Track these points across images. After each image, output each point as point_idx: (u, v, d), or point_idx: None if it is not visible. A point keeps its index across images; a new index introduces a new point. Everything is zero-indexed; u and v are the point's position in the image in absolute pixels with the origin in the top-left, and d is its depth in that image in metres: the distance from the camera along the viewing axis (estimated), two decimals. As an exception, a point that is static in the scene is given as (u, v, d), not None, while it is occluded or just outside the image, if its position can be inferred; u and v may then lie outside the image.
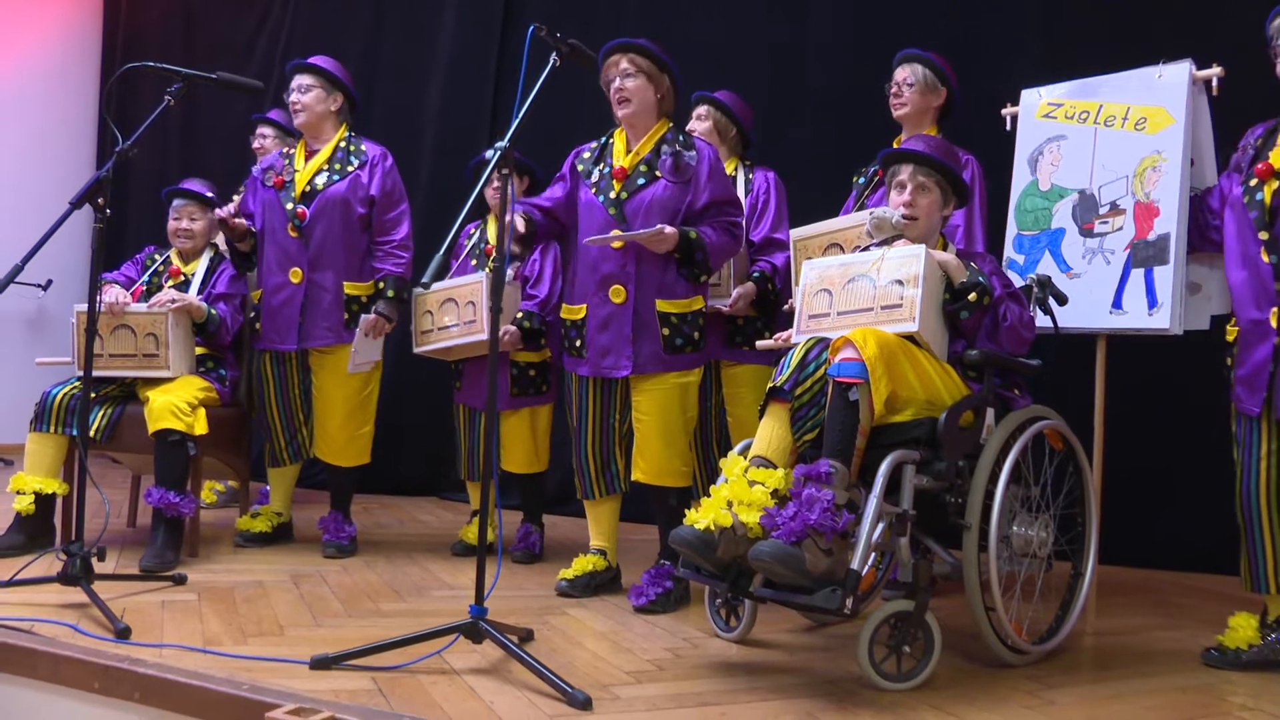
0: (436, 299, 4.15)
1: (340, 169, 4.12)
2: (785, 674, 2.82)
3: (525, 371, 4.21)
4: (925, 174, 3.13)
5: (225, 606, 3.22)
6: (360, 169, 4.14)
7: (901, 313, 2.88)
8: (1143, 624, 3.59)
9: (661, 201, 3.45)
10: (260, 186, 4.18)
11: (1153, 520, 4.53)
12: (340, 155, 4.15)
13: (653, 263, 3.47)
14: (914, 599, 2.72)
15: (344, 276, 4.11)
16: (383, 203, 4.17)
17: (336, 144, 4.17)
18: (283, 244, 4.08)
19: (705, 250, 3.45)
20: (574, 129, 4.41)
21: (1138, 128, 3.52)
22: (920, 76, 3.84)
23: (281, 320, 4.09)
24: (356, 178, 4.13)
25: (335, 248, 4.10)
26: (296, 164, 4.15)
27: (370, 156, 4.17)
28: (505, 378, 4.20)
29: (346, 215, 4.11)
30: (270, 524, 4.22)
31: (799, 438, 2.85)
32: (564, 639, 3.05)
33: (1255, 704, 2.73)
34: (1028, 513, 3.03)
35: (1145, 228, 3.44)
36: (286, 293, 4.08)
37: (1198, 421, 4.16)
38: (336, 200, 4.09)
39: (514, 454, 4.30)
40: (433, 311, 4.16)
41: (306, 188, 4.08)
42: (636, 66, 3.50)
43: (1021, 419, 3.01)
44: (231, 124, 6.30)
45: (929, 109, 3.88)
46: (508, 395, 4.20)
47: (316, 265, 4.08)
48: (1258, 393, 3.01)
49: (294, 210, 4.05)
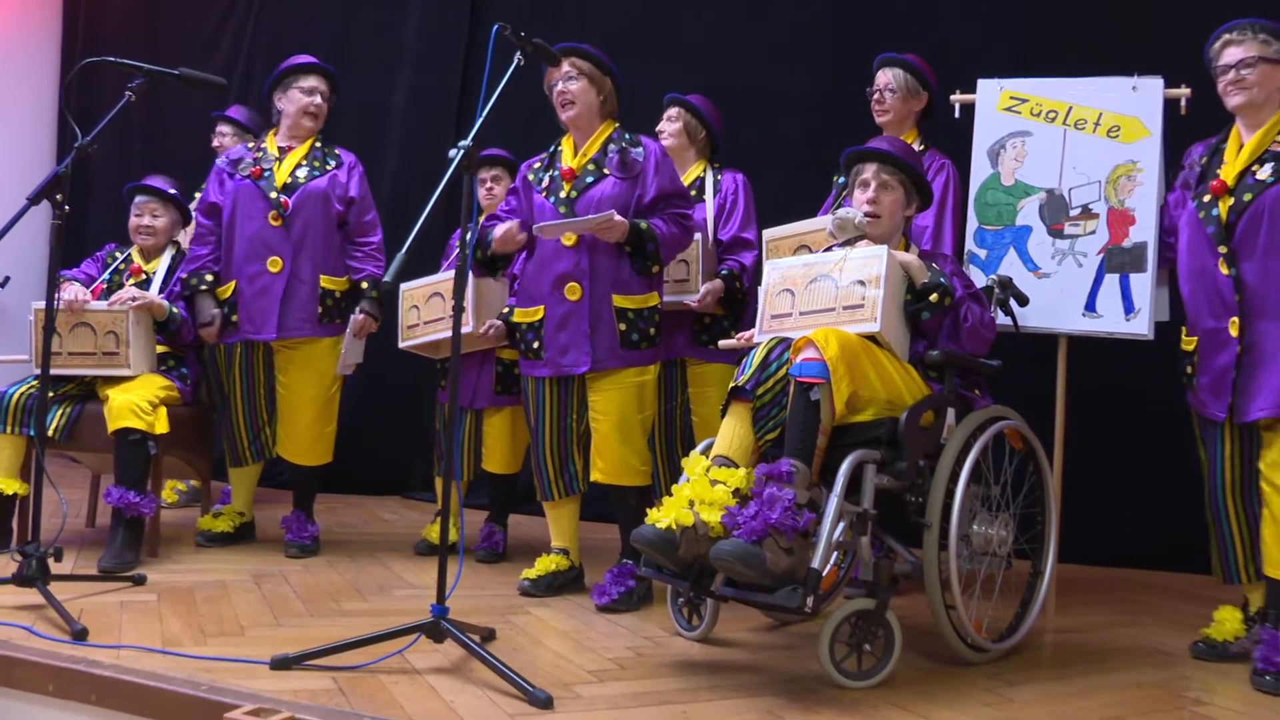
0: (423, 293, 4.15)
1: (319, 166, 4.15)
2: (747, 672, 2.83)
3: (510, 369, 4.17)
4: (889, 172, 3.16)
5: (185, 607, 3.19)
6: (338, 169, 4.18)
7: (863, 313, 2.90)
8: (1102, 621, 3.64)
9: (611, 198, 3.46)
10: (228, 177, 4.13)
11: (1112, 519, 4.58)
12: (317, 154, 4.18)
13: (607, 259, 3.48)
14: (875, 597, 2.74)
15: (321, 269, 4.11)
16: (361, 205, 4.22)
17: (311, 144, 4.19)
18: (262, 233, 4.05)
19: (656, 241, 3.46)
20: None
21: (1111, 135, 3.56)
22: (902, 82, 3.86)
23: (257, 309, 4.05)
24: (335, 176, 4.16)
25: (315, 240, 4.11)
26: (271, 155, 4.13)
27: (346, 160, 4.24)
28: (490, 374, 4.19)
29: (326, 210, 4.13)
30: (232, 524, 4.19)
31: (761, 437, 2.86)
32: (526, 638, 3.05)
33: (1209, 698, 2.79)
34: (988, 512, 3.06)
35: (1120, 234, 3.49)
36: (264, 281, 4.05)
37: (1156, 422, 4.22)
38: (318, 194, 4.10)
39: (493, 453, 4.28)
40: (419, 306, 4.15)
41: (288, 179, 4.08)
42: (578, 70, 3.53)
43: (982, 419, 3.04)
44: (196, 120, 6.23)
45: (910, 114, 3.91)
46: (491, 392, 4.19)
47: (297, 256, 4.07)
48: (1222, 398, 3.10)
49: (278, 199, 4.04)
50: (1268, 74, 3.05)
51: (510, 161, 4.34)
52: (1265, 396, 3.00)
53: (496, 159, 4.36)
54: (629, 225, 3.42)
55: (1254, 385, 3.03)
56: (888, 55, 3.93)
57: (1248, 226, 3.04)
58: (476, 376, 4.17)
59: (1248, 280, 3.04)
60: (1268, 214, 3.01)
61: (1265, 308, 3.03)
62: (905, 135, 3.85)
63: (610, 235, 3.42)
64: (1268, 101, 3.08)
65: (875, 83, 3.91)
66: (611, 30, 3.81)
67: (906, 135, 3.86)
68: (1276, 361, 3.00)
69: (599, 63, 3.56)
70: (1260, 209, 3.01)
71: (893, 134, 3.82)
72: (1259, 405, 3.01)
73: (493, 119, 2.87)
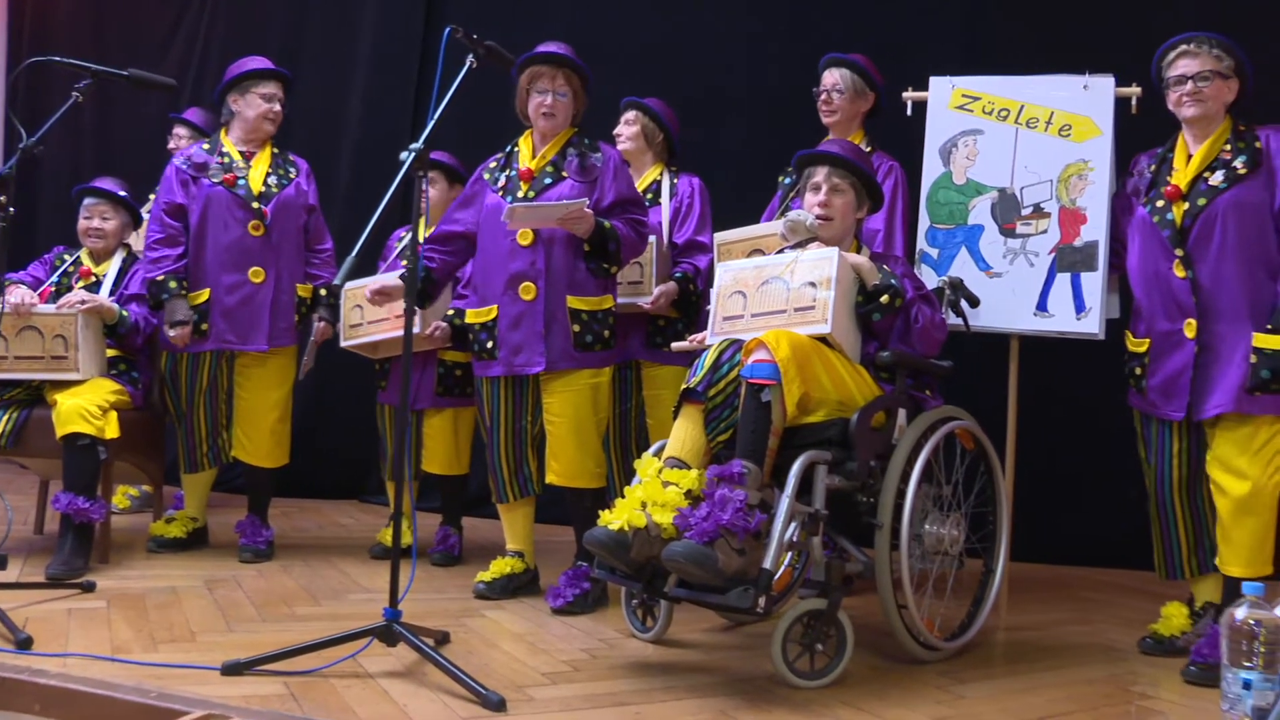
0: (365, 293, 4.13)
1: (284, 174, 4.15)
2: (701, 673, 2.84)
3: (452, 371, 4.18)
4: (840, 175, 3.18)
5: (135, 613, 3.16)
6: (299, 177, 4.20)
7: (814, 314, 2.92)
8: (1054, 619, 3.68)
9: (569, 200, 3.46)
10: (192, 181, 4.07)
11: (1064, 517, 4.63)
12: (279, 161, 4.18)
13: (562, 259, 3.48)
14: (827, 597, 2.76)
15: (295, 278, 4.15)
16: (318, 212, 4.28)
17: (271, 151, 4.18)
18: (240, 242, 4.01)
19: (618, 241, 3.47)
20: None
21: (1062, 134, 3.59)
22: (849, 82, 3.88)
23: (243, 320, 4.01)
24: (298, 184, 4.18)
25: (290, 249, 4.13)
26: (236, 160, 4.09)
27: (302, 167, 4.25)
28: (431, 376, 4.17)
29: (296, 218, 4.17)
30: (185, 529, 4.14)
31: (713, 439, 2.88)
32: (481, 641, 3.04)
33: (1155, 692, 2.85)
34: (939, 511, 3.09)
35: (1071, 233, 3.52)
36: (246, 291, 4.02)
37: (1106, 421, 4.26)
38: (290, 202, 4.13)
39: (435, 455, 4.27)
40: (362, 305, 4.13)
41: (261, 188, 4.06)
42: (570, 87, 3.56)
43: (933, 419, 3.07)
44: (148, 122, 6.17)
45: (858, 114, 3.94)
46: (432, 394, 4.18)
47: (277, 265, 4.07)
48: (1176, 398, 3.16)
49: (259, 209, 4.01)
50: (1220, 88, 3.13)
51: (447, 165, 4.32)
52: (1219, 394, 3.07)
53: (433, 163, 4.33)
54: (595, 221, 3.43)
55: (1208, 384, 3.10)
56: (834, 55, 3.95)
57: (1201, 231, 3.11)
58: (418, 378, 4.15)
59: (1202, 283, 3.11)
60: (1220, 219, 3.08)
61: (1218, 309, 3.10)
62: (852, 135, 3.88)
63: (580, 227, 3.41)
64: (1218, 112, 3.16)
65: (822, 83, 3.93)
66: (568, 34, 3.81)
67: (854, 135, 3.89)
68: (1229, 361, 3.07)
69: (585, 79, 3.60)
70: (1214, 214, 3.09)
71: (840, 134, 3.86)
72: (1214, 403, 3.08)
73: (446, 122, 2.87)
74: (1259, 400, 3.02)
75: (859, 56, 3.93)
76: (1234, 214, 3.08)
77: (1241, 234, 3.07)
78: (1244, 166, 3.09)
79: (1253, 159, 3.08)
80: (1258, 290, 3.07)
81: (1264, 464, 3.03)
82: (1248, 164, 3.08)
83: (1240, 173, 3.09)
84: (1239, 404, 3.05)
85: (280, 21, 6.14)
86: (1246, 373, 3.03)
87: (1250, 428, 3.03)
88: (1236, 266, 3.08)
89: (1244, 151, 3.11)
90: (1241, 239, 3.08)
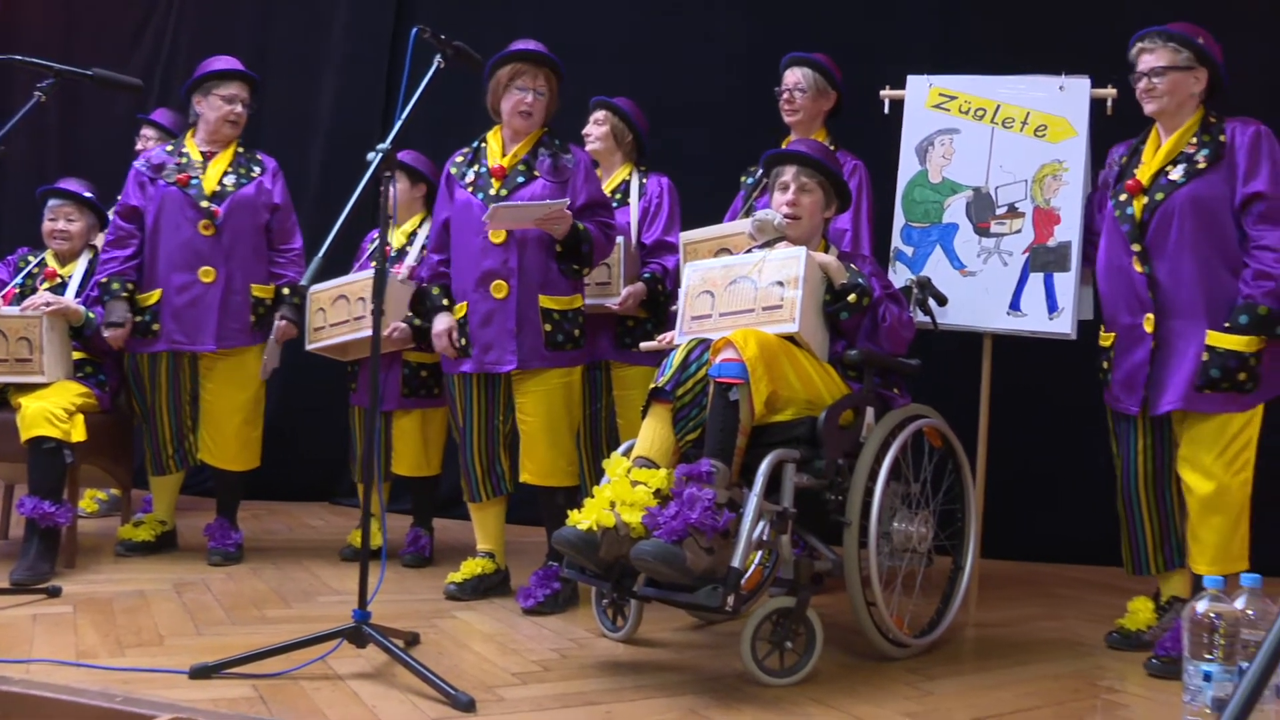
0: (329, 296, 4.11)
1: (245, 173, 4.10)
2: (671, 672, 2.85)
3: (417, 372, 4.17)
4: (808, 175, 3.20)
5: (103, 618, 3.13)
6: (262, 175, 4.15)
7: (782, 314, 2.93)
8: (1023, 615, 3.71)
9: (540, 200, 3.46)
10: (150, 183, 4.05)
11: (1034, 514, 4.66)
12: (241, 160, 4.13)
13: (535, 258, 3.49)
14: (795, 595, 2.77)
15: (251, 278, 4.08)
16: (284, 211, 4.21)
17: (234, 150, 4.14)
18: (191, 242, 3.98)
19: (591, 243, 3.49)
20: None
21: (1038, 134, 3.61)
22: (811, 81, 3.90)
23: (190, 320, 3.97)
24: (260, 183, 4.13)
25: (245, 249, 4.07)
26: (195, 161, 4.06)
27: (269, 166, 4.20)
28: (396, 377, 4.16)
29: (255, 218, 4.10)
30: (154, 532, 4.11)
31: (681, 438, 2.89)
32: (451, 642, 3.04)
33: (1122, 686, 2.88)
34: (908, 509, 3.10)
35: (1045, 233, 3.55)
36: (196, 291, 3.98)
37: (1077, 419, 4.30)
38: (247, 202, 4.06)
39: (403, 456, 4.26)
40: (325, 309, 4.11)
41: (216, 187, 4.02)
42: (550, 87, 3.56)
43: (901, 417, 3.09)
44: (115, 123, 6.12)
45: (820, 113, 3.95)
46: (398, 395, 4.17)
47: (229, 265, 4.02)
48: (1135, 393, 3.18)
49: (209, 209, 3.97)
50: (1178, 81, 3.12)
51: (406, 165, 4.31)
52: (1172, 391, 3.09)
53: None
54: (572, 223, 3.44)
55: (1163, 381, 3.12)
56: (795, 55, 3.97)
57: (1159, 225, 3.11)
58: (384, 379, 4.14)
59: (1159, 278, 3.12)
60: (1178, 214, 3.08)
61: (1175, 305, 3.11)
62: (815, 134, 3.90)
63: (559, 228, 3.41)
64: (1183, 106, 3.15)
65: (783, 82, 3.94)
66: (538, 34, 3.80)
67: (816, 134, 3.91)
68: (1184, 358, 3.08)
69: (561, 78, 3.60)
70: (1171, 209, 3.09)
71: (802, 133, 3.88)
72: (1168, 399, 3.10)
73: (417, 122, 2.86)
74: (1210, 398, 3.02)
75: (820, 55, 3.96)
76: (1190, 209, 3.07)
77: (1198, 229, 3.07)
78: (1205, 161, 3.08)
79: (1215, 152, 3.08)
80: (1215, 286, 3.07)
81: (1229, 462, 3.03)
82: (1209, 158, 3.08)
83: (1200, 167, 3.08)
84: (1189, 402, 3.06)
85: (249, 21, 6.11)
86: (1197, 370, 3.04)
87: (1216, 426, 3.04)
88: (1194, 262, 3.08)
89: (1207, 145, 3.10)
90: (1198, 234, 3.07)
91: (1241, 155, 3.06)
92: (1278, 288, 2.98)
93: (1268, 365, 3.02)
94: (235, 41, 5.80)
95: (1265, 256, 3.00)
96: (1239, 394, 3.01)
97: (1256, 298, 2.98)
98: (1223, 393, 3.01)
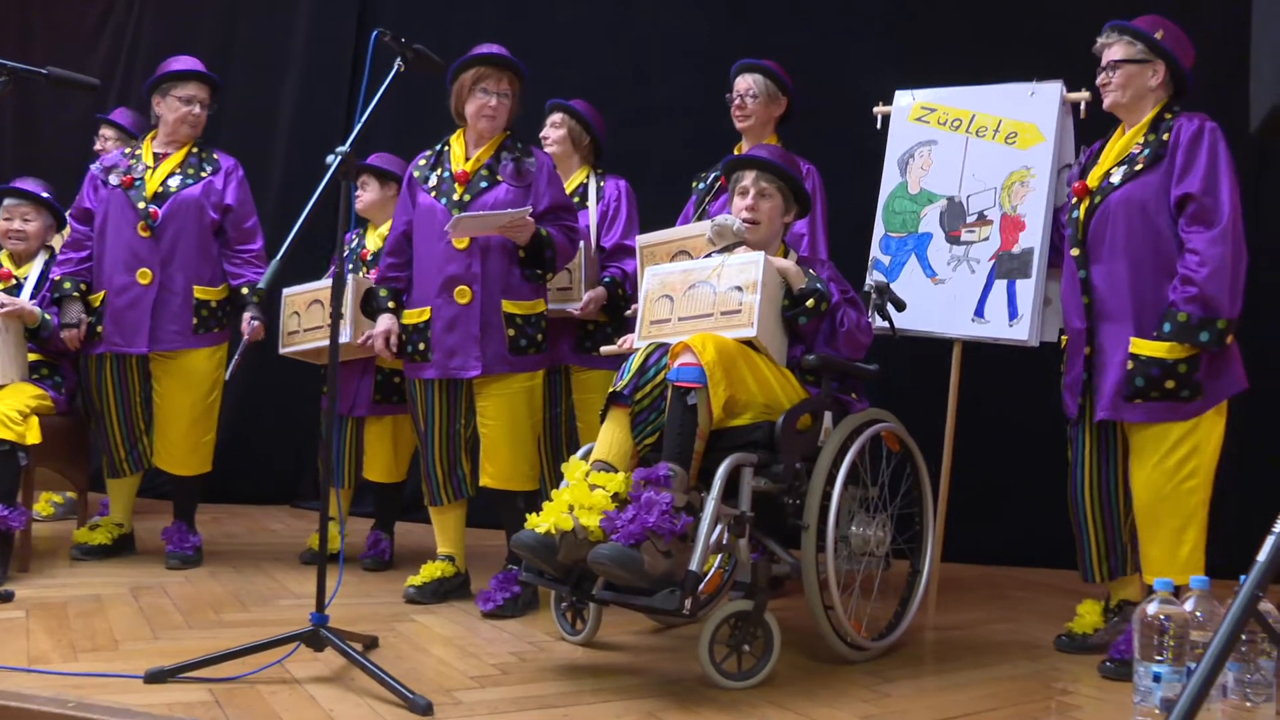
0: (304, 300, 4.10)
1: (194, 173, 4.04)
2: (629, 675, 2.85)
3: (390, 378, 4.16)
4: (768, 180, 3.22)
5: (56, 623, 3.10)
6: (214, 175, 4.08)
7: (740, 318, 2.94)
8: (981, 618, 3.74)
9: (503, 204, 3.47)
10: (102, 185, 4.03)
11: (994, 518, 4.70)
12: (193, 160, 4.08)
13: (498, 264, 3.49)
14: (753, 599, 2.78)
15: (194, 280, 4.01)
16: (240, 212, 4.13)
17: (188, 150, 4.09)
18: (130, 244, 3.94)
19: (554, 249, 3.49)
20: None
21: (1008, 141, 3.64)
22: (763, 87, 3.93)
23: (128, 322, 3.94)
24: (210, 183, 4.06)
25: (187, 250, 4.00)
26: (145, 163, 4.03)
27: (224, 165, 4.13)
28: (369, 383, 4.15)
29: (200, 218, 4.03)
30: (110, 536, 4.07)
31: (640, 442, 2.89)
32: (410, 645, 3.03)
33: (1075, 687, 2.91)
34: (866, 513, 3.12)
35: (1010, 240, 3.57)
36: (134, 293, 3.94)
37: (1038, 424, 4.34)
38: (190, 203, 4.00)
39: (375, 462, 4.26)
40: (299, 313, 4.10)
41: (159, 188, 3.97)
42: (513, 90, 3.56)
43: (858, 422, 3.11)
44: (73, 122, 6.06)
45: (771, 118, 3.98)
46: (369, 401, 4.16)
47: (167, 267, 3.96)
48: (1077, 398, 3.20)
49: (146, 210, 3.93)
50: (1132, 75, 3.10)
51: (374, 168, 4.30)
52: (1103, 399, 3.09)
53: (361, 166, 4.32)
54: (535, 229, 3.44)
55: (1099, 387, 3.12)
56: (746, 61, 4.00)
57: (1096, 229, 3.11)
58: (357, 384, 4.14)
59: (1094, 282, 3.13)
60: (1111, 217, 3.08)
61: (1108, 310, 3.10)
62: (766, 140, 3.93)
63: (522, 235, 3.42)
64: (1140, 101, 3.12)
65: (735, 88, 3.97)
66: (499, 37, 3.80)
67: (767, 140, 3.94)
68: (1111, 365, 3.07)
69: (524, 80, 3.60)
70: (1106, 211, 3.09)
71: (754, 139, 3.91)
72: (1100, 407, 3.10)
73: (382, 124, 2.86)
74: (1141, 408, 2.99)
75: (770, 62, 3.99)
76: (1123, 211, 3.05)
77: (1132, 232, 3.04)
78: (1144, 161, 3.04)
79: (1155, 152, 3.03)
80: (1146, 292, 3.03)
81: (1171, 472, 2.98)
82: (1149, 158, 3.03)
83: (1137, 168, 3.05)
84: (1117, 411, 3.04)
85: (210, 20, 6.07)
86: (1122, 378, 3.02)
87: (1154, 435, 3.00)
88: (1127, 266, 3.05)
89: (1151, 145, 3.05)
90: (1131, 237, 3.04)
91: (1180, 154, 2.99)
92: (1201, 293, 2.90)
93: (1208, 373, 2.96)
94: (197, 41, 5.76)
95: (1190, 260, 2.94)
96: (1175, 403, 2.96)
97: (1179, 304, 2.93)
98: (1154, 402, 2.97)
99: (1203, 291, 2.90)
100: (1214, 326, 2.91)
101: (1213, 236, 2.92)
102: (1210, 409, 2.99)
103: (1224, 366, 3.00)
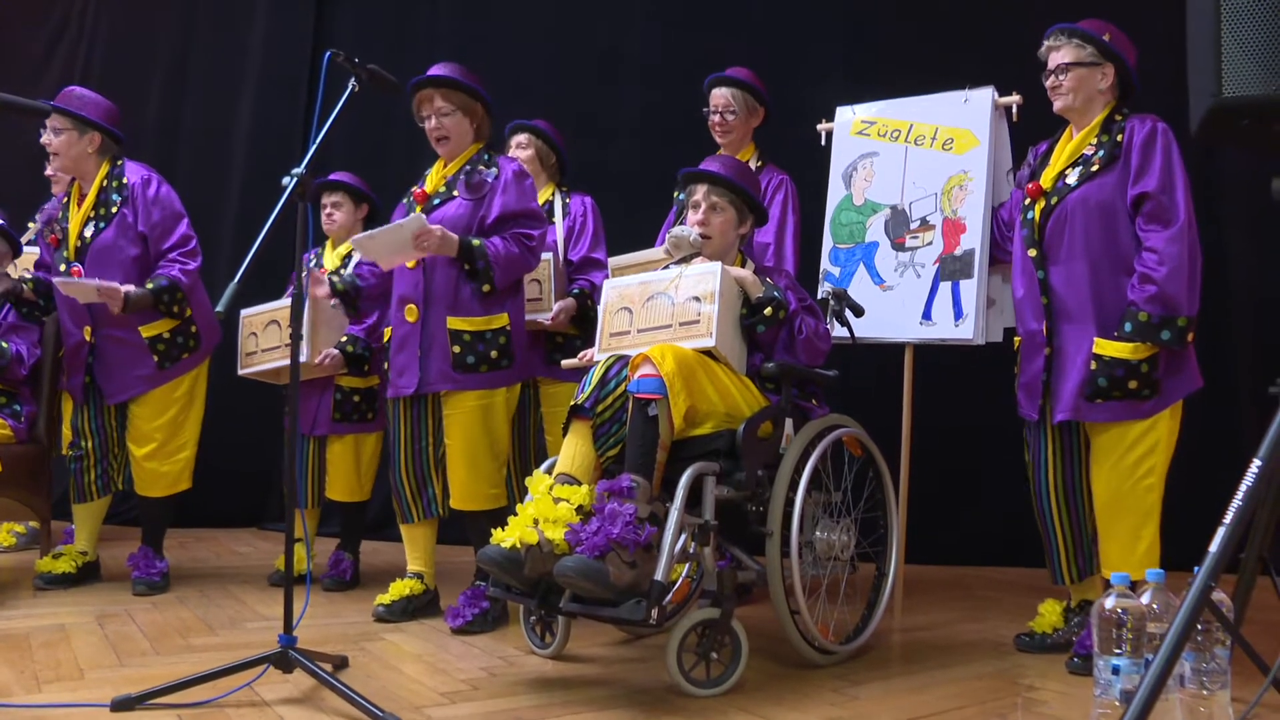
0: (261, 321, 4.09)
1: (105, 213, 3.90)
2: (599, 686, 2.86)
3: (350, 397, 4.17)
4: (719, 194, 3.24)
5: (18, 654, 3.06)
6: (124, 206, 3.91)
7: (699, 328, 2.97)
8: (947, 618, 3.78)
9: (453, 220, 3.47)
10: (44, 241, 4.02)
11: (959, 518, 4.75)
12: (104, 197, 3.92)
13: (444, 281, 3.48)
14: (720, 606, 2.80)
15: (136, 321, 3.90)
16: (160, 230, 3.93)
17: (100, 184, 3.93)
18: (68, 301, 3.90)
19: (486, 259, 3.41)
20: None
21: (945, 148, 3.71)
22: (741, 101, 3.96)
23: (100, 372, 3.92)
24: (122, 218, 3.90)
25: None
26: (71, 213, 3.96)
27: (132, 188, 3.92)
28: (329, 402, 4.15)
29: (121, 260, 3.90)
30: (75, 564, 4.02)
31: (602, 454, 2.91)
32: (380, 664, 3.03)
33: (1042, 684, 2.95)
34: (830, 518, 3.15)
35: (953, 243, 3.64)
36: (84, 350, 3.93)
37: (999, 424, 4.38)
38: (107, 249, 3.88)
39: (336, 481, 4.25)
40: (257, 333, 4.09)
41: (78, 242, 3.90)
42: (452, 104, 3.54)
43: (819, 427, 3.14)
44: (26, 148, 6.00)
45: (749, 131, 4.02)
46: (329, 420, 4.16)
47: (101, 320, 3.89)
48: (1035, 399, 3.22)
49: (68, 271, 3.88)
50: (1083, 78, 3.12)
51: (351, 186, 4.31)
52: (1065, 399, 3.12)
53: (337, 184, 4.32)
54: (458, 240, 3.40)
55: (1058, 388, 3.14)
56: (719, 75, 4.02)
57: (1054, 230, 3.14)
58: (316, 403, 4.13)
59: (1053, 283, 3.15)
60: (1069, 217, 3.11)
61: (1068, 311, 3.13)
62: (744, 151, 3.96)
63: (428, 244, 3.33)
64: (1091, 102, 3.15)
65: (711, 104, 3.99)
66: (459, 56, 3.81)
67: (745, 151, 3.97)
68: (1073, 366, 3.10)
69: (471, 92, 3.56)
70: (1064, 212, 3.12)
71: (733, 151, 3.92)
72: (1061, 408, 3.13)
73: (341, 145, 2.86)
74: (1102, 408, 3.02)
75: (743, 72, 4.01)
76: (1081, 212, 3.08)
77: (1090, 233, 3.07)
78: (1099, 162, 3.07)
79: (1110, 153, 3.06)
80: (1106, 292, 3.05)
81: (1129, 470, 3.02)
82: (1104, 159, 3.07)
83: (1094, 169, 3.08)
84: (1079, 412, 3.07)
85: (164, 42, 6.04)
86: (1085, 379, 3.05)
87: (1114, 435, 3.04)
88: (1086, 267, 3.07)
89: (1104, 146, 3.08)
90: (1090, 238, 3.07)
91: (1135, 154, 3.02)
92: (1160, 292, 2.94)
93: (1166, 372, 3.01)
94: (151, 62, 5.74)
95: (1149, 259, 2.97)
96: (1135, 402, 3.00)
97: (1139, 303, 2.97)
98: (1115, 401, 3.01)
99: (1162, 290, 2.94)
100: (1175, 325, 2.96)
101: (1170, 235, 2.96)
102: (1167, 408, 3.04)
103: (1181, 365, 3.05)
